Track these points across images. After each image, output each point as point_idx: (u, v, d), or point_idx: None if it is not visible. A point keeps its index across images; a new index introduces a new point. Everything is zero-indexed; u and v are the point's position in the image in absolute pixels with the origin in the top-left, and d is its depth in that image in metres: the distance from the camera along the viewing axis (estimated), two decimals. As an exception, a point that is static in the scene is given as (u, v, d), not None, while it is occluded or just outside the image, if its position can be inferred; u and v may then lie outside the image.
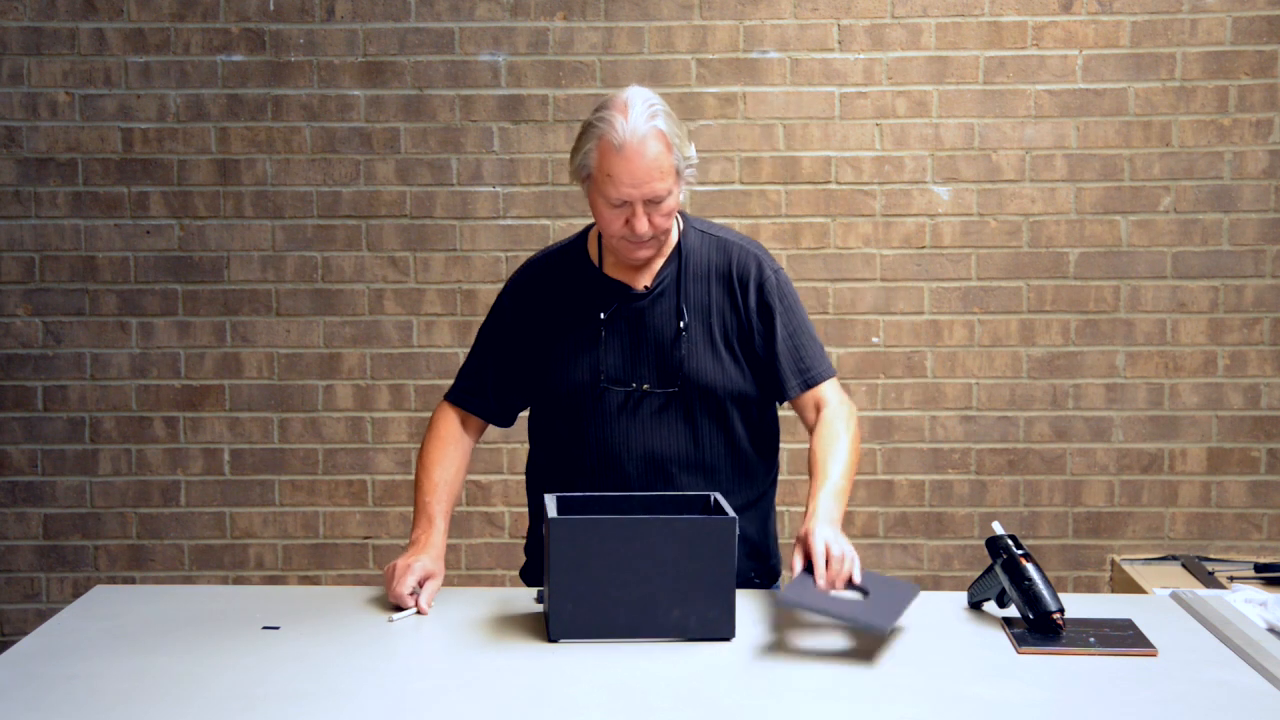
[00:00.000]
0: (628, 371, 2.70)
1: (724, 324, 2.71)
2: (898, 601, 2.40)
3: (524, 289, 2.78)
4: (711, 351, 2.70)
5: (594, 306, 2.71)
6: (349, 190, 4.45)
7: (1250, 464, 4.44)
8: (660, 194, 2.56)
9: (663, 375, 2.69)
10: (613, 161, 2.54)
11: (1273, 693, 2.16)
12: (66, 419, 4.50)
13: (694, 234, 2.76)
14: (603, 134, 2.55)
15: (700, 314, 2.71)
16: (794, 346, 2.73)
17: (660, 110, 2.57)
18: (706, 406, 2.70)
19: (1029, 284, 4.42)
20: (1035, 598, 2.42)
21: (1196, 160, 4.38)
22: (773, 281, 2.73)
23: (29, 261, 4.47)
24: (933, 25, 4.37)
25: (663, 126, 2.55)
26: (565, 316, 2.73)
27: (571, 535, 2.35)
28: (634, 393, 2.69)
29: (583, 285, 2.74)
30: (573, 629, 2.35)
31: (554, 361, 2.72)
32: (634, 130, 2.53)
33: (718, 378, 2.69)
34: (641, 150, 2.53)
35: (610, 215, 2.59)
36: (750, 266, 2.73)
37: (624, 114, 2.54)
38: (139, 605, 2.61)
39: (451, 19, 4.40)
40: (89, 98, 4.42)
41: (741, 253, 2.74)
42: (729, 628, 2.37)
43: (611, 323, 2.71)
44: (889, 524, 4.48)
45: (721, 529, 2.36)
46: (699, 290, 2.72)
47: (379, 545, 4.53)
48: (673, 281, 2.71)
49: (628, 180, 2.54)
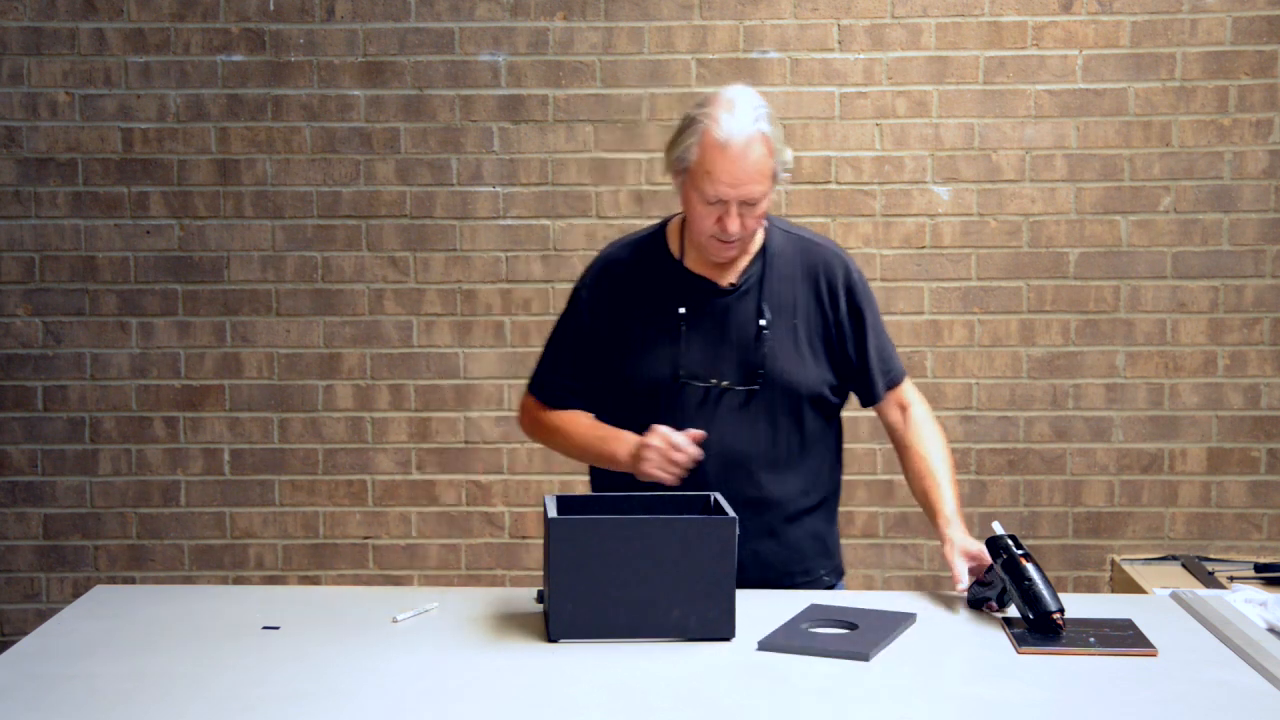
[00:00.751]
0: (707, 367, 2.68)
1: (809, 324, 2.71)
2: (886, 631, 2.40)
3: (603, 281, 2.76)
4: (794, 351, 2.70)
5: (675, 300, 2.70)
6: (349, 190, 4.45)
7: (1250, 464, 4.44)
8: (756, 196, 2.57)
9: (744, 373, 2.68)
10: (714, 159, 2.54)
11: (1273, 693, 2.16)
12: (66, 419, 4.50)
13: (778, 233, 2.76)
14: (706, 130, 2.55)
15: (785, 313, 2.70)
16: (880, 347, 2.78)
17: (765, 113, 2.59)
18: (786, 405, 2.70)
19: (1029, 284, 4.42)
20: (1035, 598, 2.41)
21: (1196, 160, 4.38)
22: (860, 285, 2.76)
23: (29, 261, 4.47)
24: (933, 25, 4.37)
25: (767, 130, 2.57)
26: (644, 309, 2.71)
27: (572, 535, 2.35)
28: (713, 389, 2.68)
29: (663, 278, 2.72)
30: (573, 629, 2.35)
31: (632, 354, 2.71)
32: (739, 130, 2.54)
33: (800, 377, 2.70)
34: (745, 151, 2.54)
35: (703, 212, 2.59)
36: (838, 269, 2.74)
37: (729, 112, 2.55)
38: (139, 605, 2.61)
39: (451, 19, 4.40)
40: (89, 98, 4.42)
41: (829, 255, 2.76)
42: (729, 628, 2.37)
43: (693, 318, 2.69)
44: (889, 524, 4.48)
45: (721, 529, 2.36)
46: (784, 290, 2.71)
47: (379, 545, 4.53)
48: (757, 280, 2.71)
49: (727, 179, 2.54)
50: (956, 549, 2.59)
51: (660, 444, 2.56)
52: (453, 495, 4.51)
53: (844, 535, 4.42)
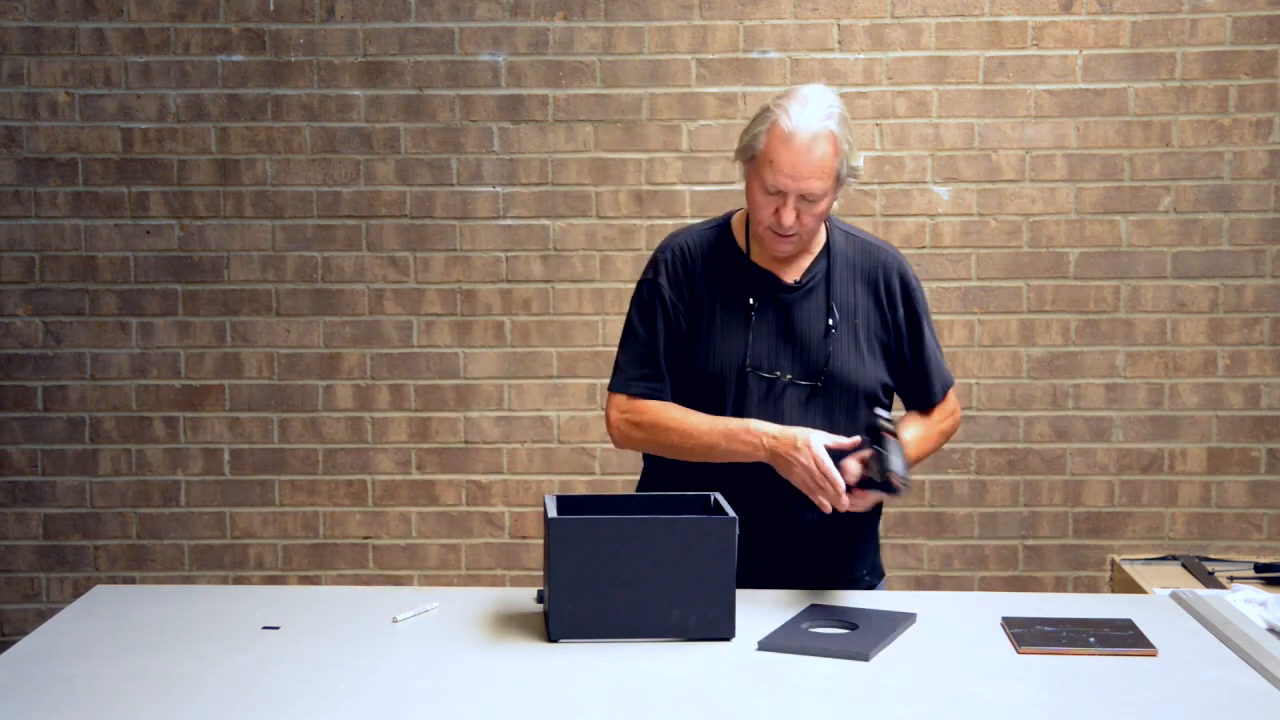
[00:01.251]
0: (772, 360, 2.71)
1: (869, 326, 2.75)
2: (886, 631, 2.40)
3: (675, 268, 2.76)
4: (855, 351, 2.73)
5: (744, 292, 2.73)
6: (349, 190, 4.45)
7: (1250, 464, 4.44)
8: (815, 192, 2.60)
9: (807, 369, 2.71)
10: (778, 148, 2.58)
11: (1273, 693, 2.16)
12: (66, 419, 4.50)
13: (839, 234, 2.79)
14: (776, 120, 2.60)
15: (847, 313, 2.74)
16: (935, 355, 2.83)
17: (837, 113, 2.62)
18: (845, 404, 2.73)
19: (1029, 284, 4.42)
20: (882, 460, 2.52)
21: (1196, 160, 4.38)
22: (918, 290, 2.80)
23: (29, 261, 4.47)
24: (933, 25, 4.37)
25: (835, 129, 2.60)
26: (715, 298, 2.74)
27: (572, 535, 2.35)
28: (777, 382, 2.70)
29: (732, 270, 2.75)
30: (573, 629, 2.35)
31: (701, 341, 2.73)
32: (807, 124, 2.58)
33: (860, 377, 2.73)
34: (810, 145, 2.58)
35: (762, 201, 2.63)
36: (896, 274, 2.78)
37: (802, 105, 2.60)
38: (139, 605, 2.61)
39: (451, 19, 4.40)
40: (89, 98, 4.42)
41: (888, 258, 2.79)
42: (729, 628, 2.37)
43: (761, 311, 2.72)
44: (889, 524, 4.48)
45: (722, 529, 2.36)
46: (846, 290, 2.75)
47: (379, 545, 4.53)
48: (822, 279, 2.75)
49: (788, 170, 2.58)
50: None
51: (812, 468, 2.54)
52: (453, 495, 4.51)
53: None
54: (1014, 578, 4.46)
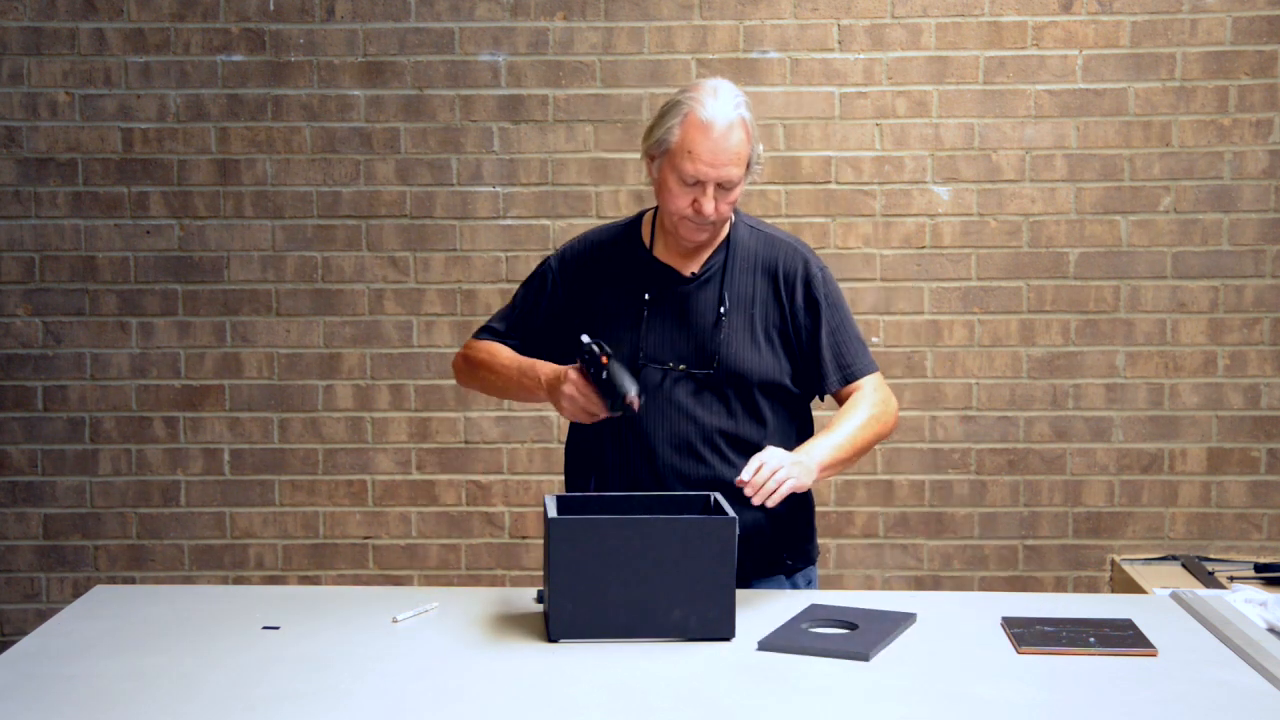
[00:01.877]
0: (666, 351, 2.75)
1: (765, 315, 2.77)
2: (886, 631, 2.40)
3: (574, 259, 2.86)
4: (750, 340, 2.76)
5: (640, 287, 2.79)
6: (349, 190, 4.45)
7: (1250, 464, 4.44)
8: (733, 179, 2.65)
9: (700, 358, 2.75)
10: (696, 138, 2.63)
11: (1273, 693, 2.16)
12: (66, 419, 4.50)
13: (743, 228, 2.83)
14: (690, 110, 2.65)
15: (743, 304, 2.77)
16: (836, 342, 2.80)
17: (744, 101, 2.68)
18: (739, 392, 2.75)
19: (1029, 284, 4.42)
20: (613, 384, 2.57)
21: (1196, 160, 4.38)
22: (819, 279, 2.80)
23: (29, 261, 4.47)
24: (933, 25, 4.37)
25: (747, 116, 2.67)
26: (610, 293, 2.80)
27: (571, 535, 2.35)
28: (670, 372, 2.74)
29: (631, 265, 2.82)
30: (572, 629, 2.35)
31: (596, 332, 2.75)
32: (722, 113, 2.63)
33: (753, 365, 2.75)
34: (727, 133, 2.63)
35: (679, 192, 2.67)
36: (798, 264, 2.80)
37: (713, 96, 2.65)
38: (139, 605, 2.61)
39: (451, 19, 4.40)
40: (89, 98, 4.42)
41: (789, 250, 2.82)
42: (729, 628, 2.37)
43: (655, 304, 2.77)
44: (889, 524, 4.48)
45: (721, 529, 2.37)
46: (744, 281, 2.78)
47: (379, 545, 4.53)
48: (719, 270, 2.78)
49: (707, 159, 2.63)
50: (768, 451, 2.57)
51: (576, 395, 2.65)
52: (453, 495, 4.51)
53: (844, 535, 4.47)
54: (1014, 578, 4.46)
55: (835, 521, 4.46)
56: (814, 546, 2.93)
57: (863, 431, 2.73)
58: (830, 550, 4.47)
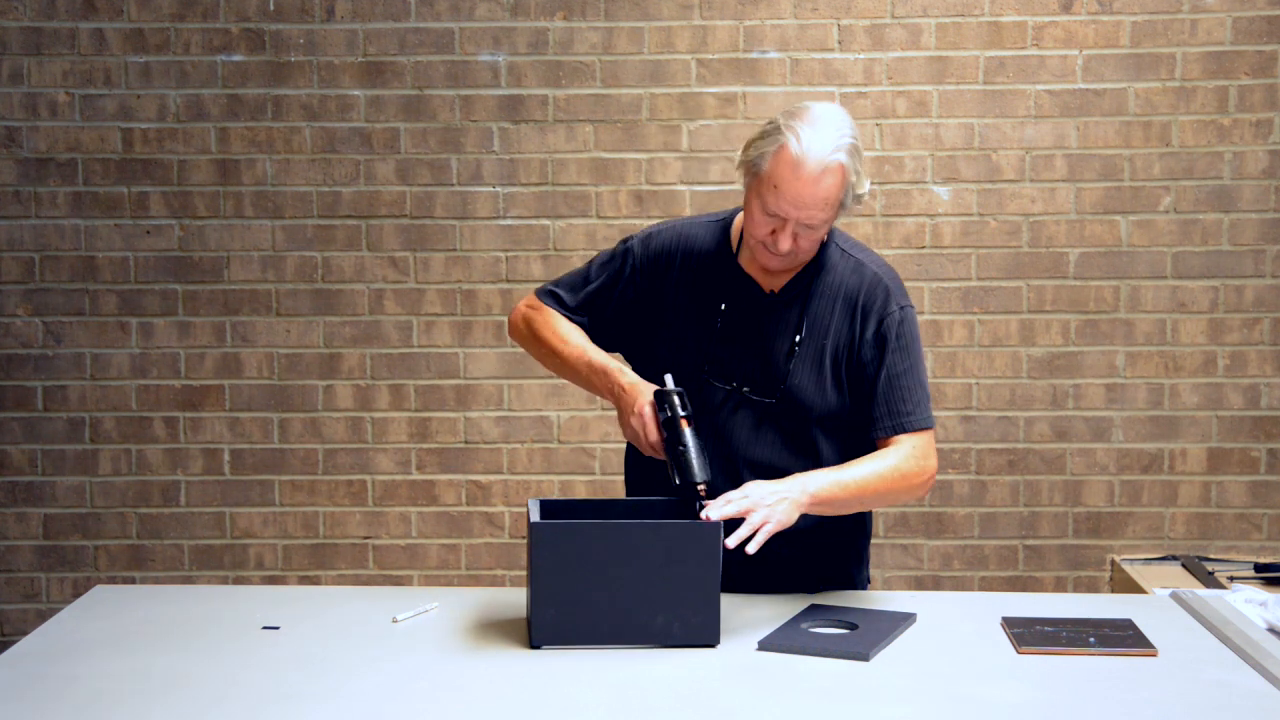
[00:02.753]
0: (732, 370, 2.64)
1: (836, 346, 2.63)
2: (886, 631, 2.40)
3: (659, 250, 2.70)
4: (816, 371, 2.63)
5: (718, 295, 2.65)
6: (349, 190, 4.45)
7: (1250, 464, 4.44)
8: (816, 221, 2.51)
9: (766, 385, 2.63)
10: (784, 175, 2.46)
11: (1273, 693, 2.16)
12: (66, 419, 4.50)
13: (835, 250, 2.68)
14: (785, 144, 2.46)
15: (817, 332, 2.63)
16: (895, 388, 2.62)
17: (848, 143, 2.49)
18: (799, 423, 2.63)
19: (1029, 284, 4.42)
20: (684, 466, 2.43)
21: (1196, 160, 4.38)
22: (895, 317, 2.64)
23: (29, 261, 4.47)
24: (933, 25, 4.37)
25: (845, 160, 2.48)
26: (688, 294, 2.67)
27: (555, 540, 2.32)
28: (733, 393, 2.64)
29: (714, 268, 2.67)
30: (556, 635, 2.33)
31: (665, 335, 2.67)
32: (817, 154, 2.45)
33: (815, 398, 2.62)
34: (817, 177, 2.46)
35: (760, 220, 2.53)
36: (878, 297, 2.64)
37: (813, 130, 2.47)
38: (139, 605, 2.61)
39: (451, 19, 4.40)
40: (89, 98, 4.42)
41: (874, 281, 2.66)
42: (714, 635, 2.35)
43: (730, 316, 2.65)
44: (889, 524, 4.48)
45: (707, 534, 2.33)
46: (824, 307, 2.64)
47: (379, 545, 4.53)
48: (802, 292, 2.65)
49: (790, 199, 2.47)
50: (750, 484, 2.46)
51: (639, 433, 2.53)
52: (453, 495, 4.51)
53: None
54: (1014, 578, 4.46)
55: (835, 521, 4.45)
56: (862, 573, 2.80)
57: (878, 481, 2.55)
58: (830, 550, 4.47)
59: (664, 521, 2.40)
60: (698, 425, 2.52)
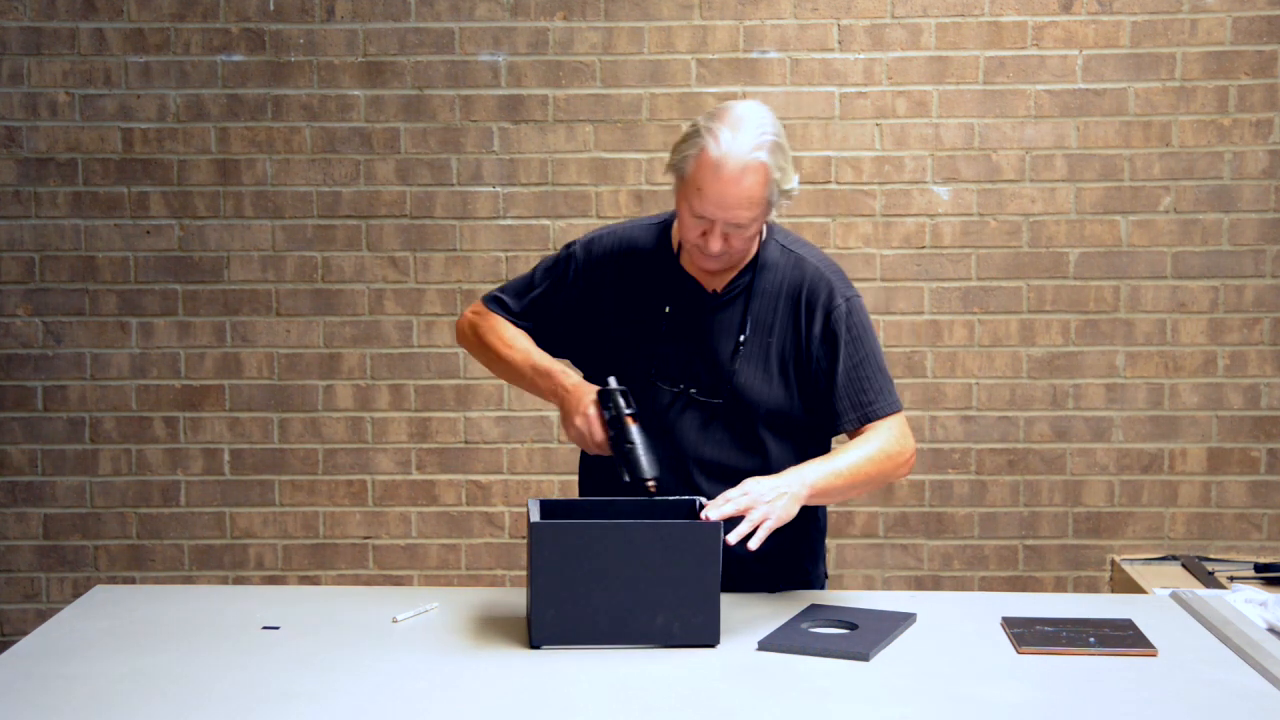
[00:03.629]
0: (679, 371, 2.64)
1: (783, 344, 2.63)
2: (886, 631, 2.40)
3: (601, 254, 2.71)
4: (763, 369, 2.63)
5: (662, 298, 2.65)
6: (349, 190, 4.45)
7: (1250, 464, 4.44)
8: (742, 221, 2.50)
9: (712, 385, 2.63)
10: (705, 177, 2.46)
11: (1273, 693, 2.16)
12: (66, 419, 4.50)
13: (775, 246, 2.67)
14: (705, 146, 2.46)
15: (762, 329, 2.63)
16: (855, 379, 2.62)
17: (769, 140, 2.47)
18: (748, 422, 2.63)
19: (1029, 284, 4.42)
20: (633, 462, 2.46)
21: (1196, 160, 4.38)
22: (842, 310, 2.63)
23: (29, 261, 4.47)
24: (933, 25, 4.37)
25: (766, 159, 2.46)
26: (632, 298, 2.67)
27: (555, 540, 2.32)
28: (681, 394, 2.64)
29: (657, 271, 2.67)
30: (555, 635, 2.33)
31: (609, 337, 2.67)
32: (737, 155, 2.45)
33: (763, 396, 2.62)
34: (737, 178, 2.45)
35: (690, 223, 2.53)
36: (820, 292, 2.63)
37: (733, 131, 2.46)
38: (139, 605, 2.61)
39: (451, 19, 4.40)
40: (89, 98, 4.42)
41: (815, 275, 2.65)
42: (713, 635, 2.35)
43: (675, 319, 2.65)
44: (889, 524, 4.48)
45: (706, 534, 2.33)
46: (766, 305, 2.64)
47: (379, 545, 4.53)
48: (744, 292, 2.64)
49: (714, 200, 2.47)
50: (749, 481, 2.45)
51: (584, 434, 2.56)
52: (453, 495, 4.51)
53: (844, 535, 4.47)
54: (1014, 578, 4.46)
55: (835, 521, 4.45)
56: (818, 569, 2.80)
57: (869, 464, 2.57)
58: (830, 550, 4.47)
59: (664, 521, 2.41)
60: (644, 422, 2.54)
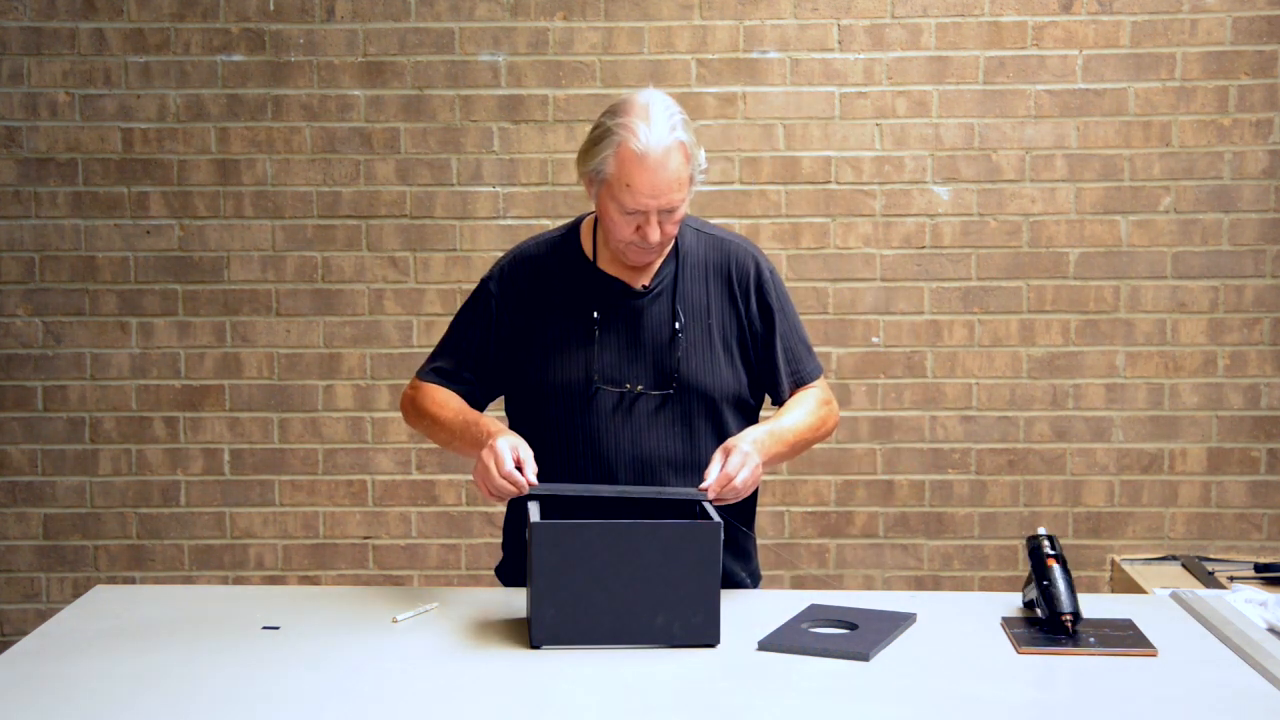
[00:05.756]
0: (622, 372, 2.64)
1: (723, 325, 2.68)
2: (886, 631, 2.40)
3: (513, 277, 2.70)
4: (709, 353, 2.66)
5: (588, 303, 2.65)
6: (349, 190, 4.45)
7: (1250, 464, 4.44)
8: (676, 204, 2.54)
9: (658, 377, 2.64)
10: (633, 172, 2.49)
11: (1273, 693, 2.16)
12: (66, 419, 4.50)
13: (690, 233, 2.71)
14: (623, 141, 2.49)
15: (698, 315, 2.66)
16: (788, 347, 2.73)
17: (680, 119, 2.54)
18: (702, 409, 2.65)
19: (1029, 284, 4.42)
20: (1050, 597, 2.43)
21: (1196, 160, 4.38)
22: (770, 281, 2.71)
23: (29, 261, 4.47)
24: (933, 25, 4.37)
25: (684, 137, 2.53)
26: (557, 310, 2.66)
27: (555, 539, 2.32)
28: (628, 394, 2.64)
29: (576, 280, 2.68)
30: (556, 635, 2.32)
31: (544, 356, 2.66)
32: (658, 142, 2.49)
33: (714, 380, 2.65)
34: (665, 162, 2.49)
35: (622, 221, 2.54)
36: (749, 267, 2.70)
37: (646, 122, 2.50)
38: (139, 605, 2.61)
39: (451, 19, 4.40)
40: (89, 98, 4.42)
41: (739, 252, 2.72)
42: (714, 634, 2.34)
43: (606, 322, 2.65)
44: (889, 524, 4.48)
45: (707, 534, 2.33)
46: (697, 290, 2.68)
47: (379, 545, 4.53)
48: (671, 282, 2.67)
49: (648, 191, 2.50)
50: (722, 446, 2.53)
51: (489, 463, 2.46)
52: (453, 495, 4.51)
53: (844, 535, 4.47)
54: (1014, 578, 4.46)
55: (835, 521, 4.46)
56: (751, 566, 2.81)
57: (807, 428, 2.69)
58: (830, 550, 4.47)
59: (664, 521, 2.40)
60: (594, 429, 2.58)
